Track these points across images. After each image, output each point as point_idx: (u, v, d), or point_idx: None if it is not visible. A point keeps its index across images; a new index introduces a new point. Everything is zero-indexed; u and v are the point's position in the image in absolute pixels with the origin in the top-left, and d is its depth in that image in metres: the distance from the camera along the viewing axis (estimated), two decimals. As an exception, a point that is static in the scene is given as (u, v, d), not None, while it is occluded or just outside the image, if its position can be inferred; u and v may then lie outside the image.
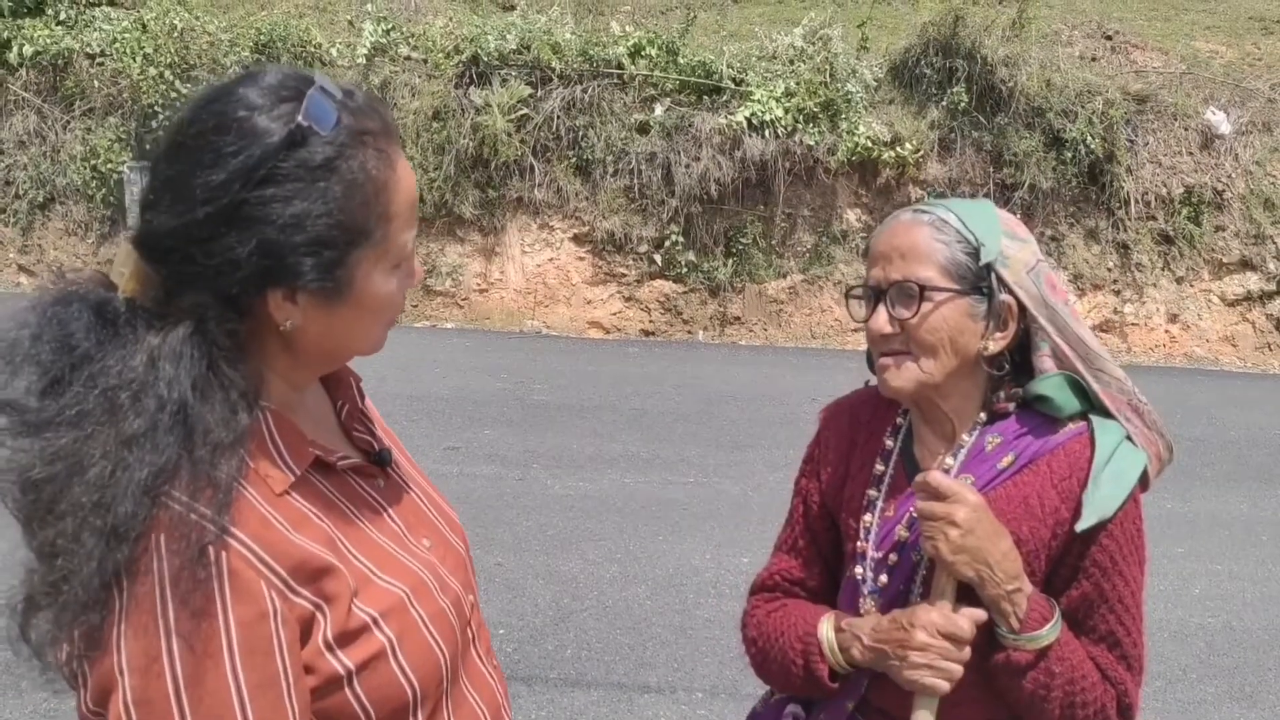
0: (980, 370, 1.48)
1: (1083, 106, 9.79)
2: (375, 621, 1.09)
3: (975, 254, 1.43)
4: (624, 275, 9.93)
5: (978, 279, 1.43)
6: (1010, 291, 1.44)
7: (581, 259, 9.97)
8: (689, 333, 9.89)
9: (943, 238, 1.44)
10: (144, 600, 0.96)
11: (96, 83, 10.00)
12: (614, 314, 9.97)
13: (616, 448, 6.33)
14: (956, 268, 1.43)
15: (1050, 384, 1.45)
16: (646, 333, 9.91)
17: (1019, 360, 1.50)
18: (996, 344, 1.46)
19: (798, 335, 9.88)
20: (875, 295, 1.47)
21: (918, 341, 1.44)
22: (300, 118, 1.02)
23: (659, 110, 9.80)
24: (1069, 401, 1.45)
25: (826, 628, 1.52)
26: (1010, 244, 1.45)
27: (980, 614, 1.40)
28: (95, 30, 10.14)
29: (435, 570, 1.20)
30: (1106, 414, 1.46)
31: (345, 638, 1.07)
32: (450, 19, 10.36)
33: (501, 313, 9.93)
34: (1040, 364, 1.47)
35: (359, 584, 1.10)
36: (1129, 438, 1.45)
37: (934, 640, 1.38)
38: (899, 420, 1.59)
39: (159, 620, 0.96)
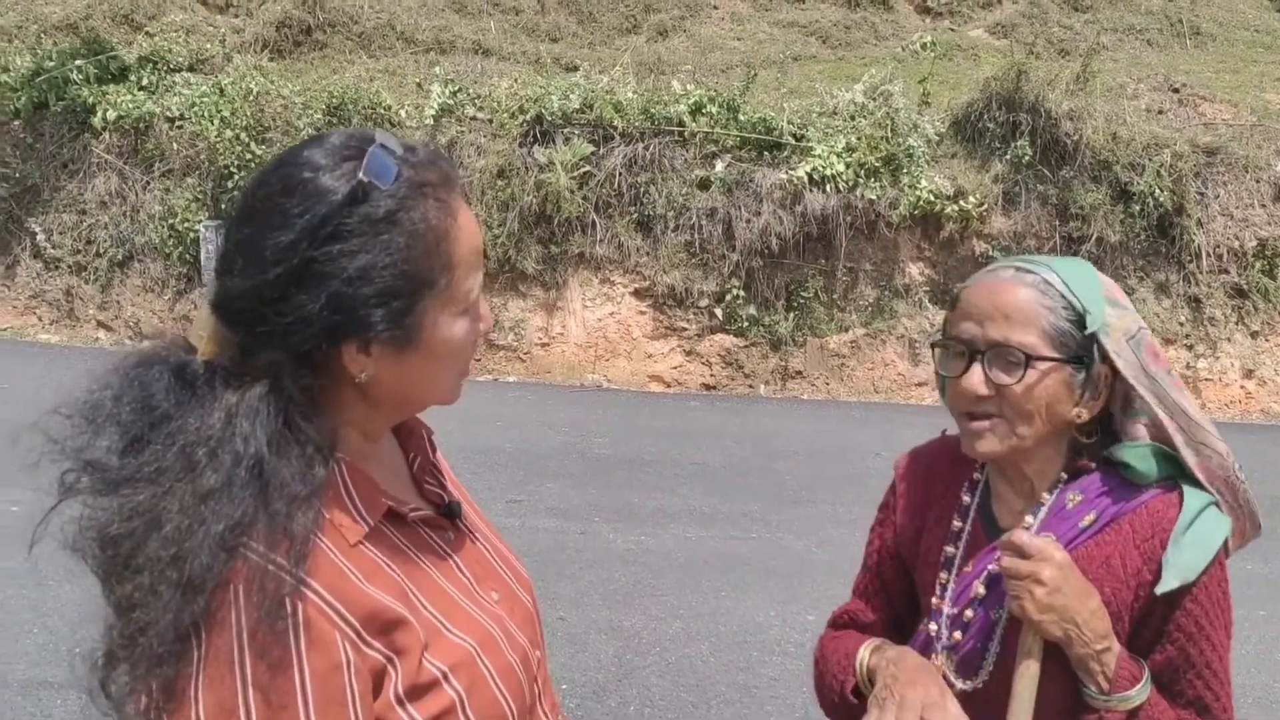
0: (1066, 434, 1.45)
1: (1150, 159, 9.67)
2: (445, 676, 1.10)
3: (1079, 321, 1.39)
4: (685, 329, 9.96)
5: (1080, 348, 1.39)
6: (1109, 360, 1.40)
7: (642, 313, 10.03)
8: (750, 387, 9.86)
9: (1048, 302, 1.39)
10: (222, 651, 0.98)
11: (175, 145, 10.37)
12: (675, 368, 9.98)
13: (678, 502, 6.30)
14: (1060, 335, 1.39)
15: (1136, 453, 1.42)
16: (707, 387, 9.90)
17: (1103, 421, 1.47)
18: (1089, 412, 1.42)
19: (860, 389, 9.80)
20: (969, 352, 1.42)
21: (1015, 409, 1.40)
22: (361, 174, 1.06)
23: (720, 166, 9.89)
24: (1150, 471, 1.42)
25: (866, 650, 1.53)
26: (1111, 311, 1.41)
27: None
28: (175, 95, 10.53)
29: (503, 624, 1.21)
30: (1196, 482, 1.42)
31: (415, 691, 1.07)
32: (515, 80, 10.59)
33: (563, 366, 10.00)
34: (1132, 430, 1.43)
35: (429, 637, 1.10)
36: (1215, 504, 1.42)
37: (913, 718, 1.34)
38: (976, 475, 1.57)
39: (236, 671, 0.97)
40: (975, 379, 1.40)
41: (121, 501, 1.01)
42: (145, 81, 10.74)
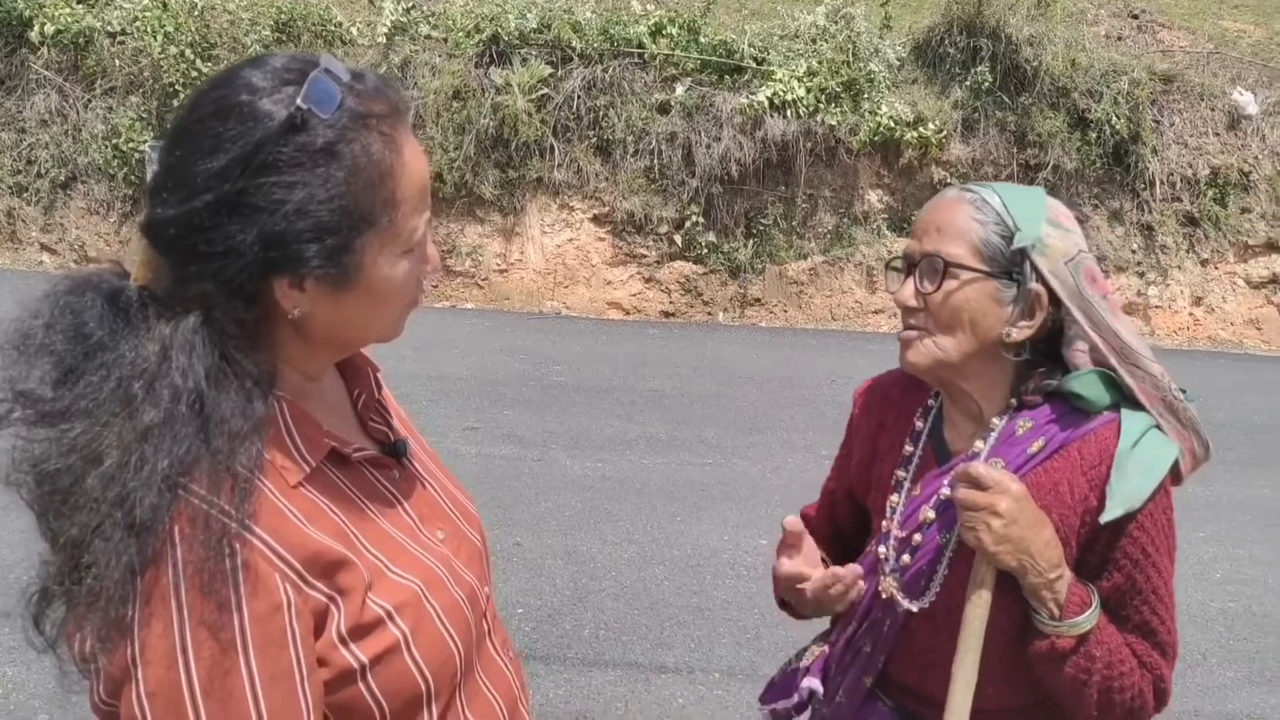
0: (1005, 356, 1.47)
1: (1108, 86, 9.67)
2: (389, 615, 1.09)
3: (1010, 238, 1.41)
4: (644, 256, 9.91)
5: (1010, 263, 1.41)
6: (1043, 280, 1.41)
7: (601, 240, 9.95)
8: (709, 314, 9.86)
9: (980, 217, 1.43)
10: (162, 593, 0.96)
11: (118, 61, 10.01)
12: (634, 295, 9.95)
13: (635, 429, 6.33)
14: (988, 248, 1.41)
15: (1084, 381, 1.44)
16: (666, 314, 9.89)
17: (1049, 350, 1.48)
18: (1021, 332, 1.44)
19: (818, 317, 9.84)
20: (909, 266, 1.47)
21: (936, 318, 1.43)
22: (300, 100, 1.00)
23: (680, 90, 9.74)
24: (1101, 397, 1.44)
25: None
26: (1052, 232, 1.42)
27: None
28: (116, 9, 10.14)
29: (449, 563, 1.20)
30: (1139, 406, 1.45)
31: (359, 631, 1.07)
32: (470, -2, 10.33)
33: (521, 293, 9.93)
34: (1074, 358, 1.45)
35: (373, 577, 1.09)
36: (1158, 428, 1.44)
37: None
38: (930, 402, 1.59)
39: (176, 613, 0.95)
40: (907, 290, 1.46)
41: (58, 435, 0.97)
42: (85, -6, 10.33)
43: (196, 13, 9.81)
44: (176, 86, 9.65)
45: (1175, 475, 1.44)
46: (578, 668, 3.74)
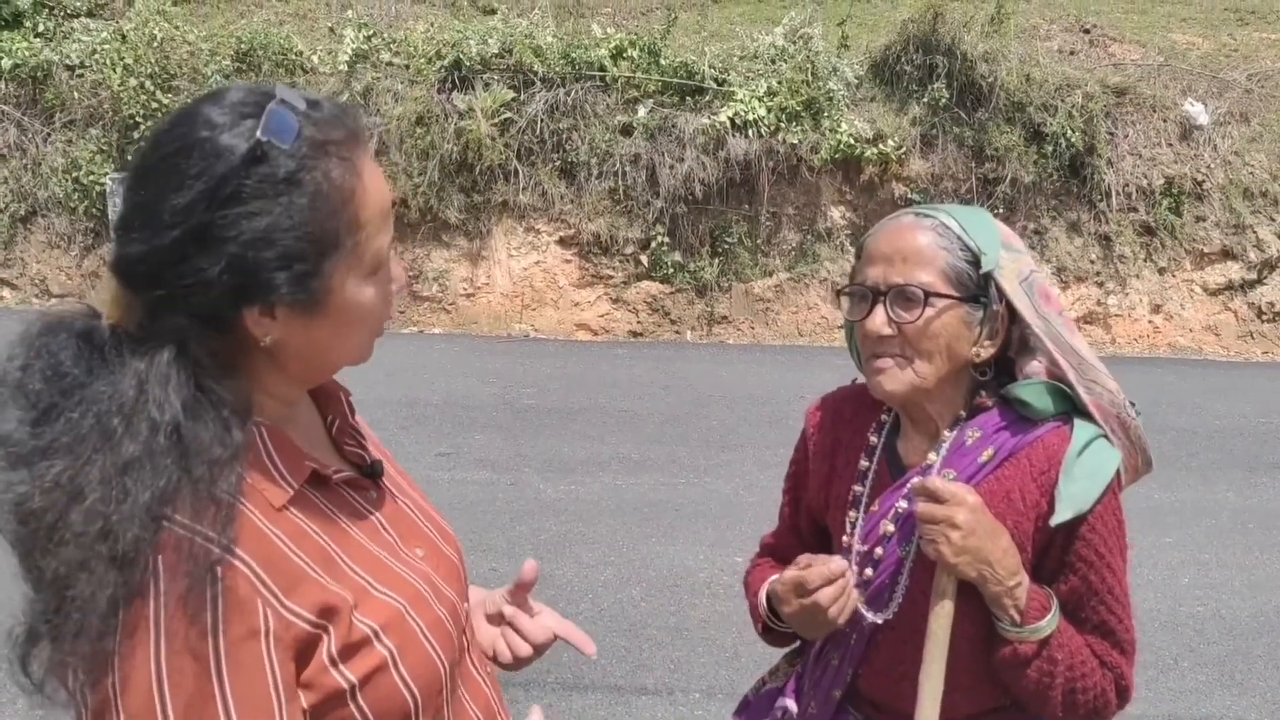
0: (966, 374, 1.51)
1: (1062, 100, 9.85)
2: (376, 634, 1.10)
3: (975, 262, 1.45)
4: (611, 277, 9.95)
5: (977, 288, 1.45)
6: (1005, 301, 1.46)
7: (568, 261, 9.98)
8: (677, 333, 9.91)
9: (945, 244, 1.46)
10: (144, 624, 0.97)
11: (77, 94, 9.95)
12: (601, 316, 9.98)
13: (607, 450, 6.34)
14: (958, 275, 1.45)
15: (1031, 390, 1.48)
16: (634, 334, 9.92)
17: (1000, 363, 1.53)
18: (986, 351, 1.48)
19: (785, 333, 9.91)
20: (872, 295, 1.48)
21: (915, 346, 1.45)
22: (259, 133, 1.02)
23: (642, 111, 9.82)
24: (1046, 407, 1.48)
25: (763, 594, 1.63)
26: (1005, 254, 1.47)
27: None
28: (74, 42, 10.09)
29: (430, 579, 1.22)
30: (1088, 418, 1.49)
31: (347, 652, 1.08)
32: (431, 24, 10.36)
33: (489, 317, 9.93)
34: (1027, 369, 1.49)
35: (357, 597, 1.11)
36: (1105, 436, 1.48)
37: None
38: (883, 417, 1.62)
39: (155, 644, 0.97)
40: (878, 319, 1.46)
41: (39, 474, 0.98)
42: (42, 28, 10.26)
43: (156, 44, 9.77)
44: (137, 118, 9.60)
45: (1116, 481, 1.49)
46: (558, 692, 3.74)
